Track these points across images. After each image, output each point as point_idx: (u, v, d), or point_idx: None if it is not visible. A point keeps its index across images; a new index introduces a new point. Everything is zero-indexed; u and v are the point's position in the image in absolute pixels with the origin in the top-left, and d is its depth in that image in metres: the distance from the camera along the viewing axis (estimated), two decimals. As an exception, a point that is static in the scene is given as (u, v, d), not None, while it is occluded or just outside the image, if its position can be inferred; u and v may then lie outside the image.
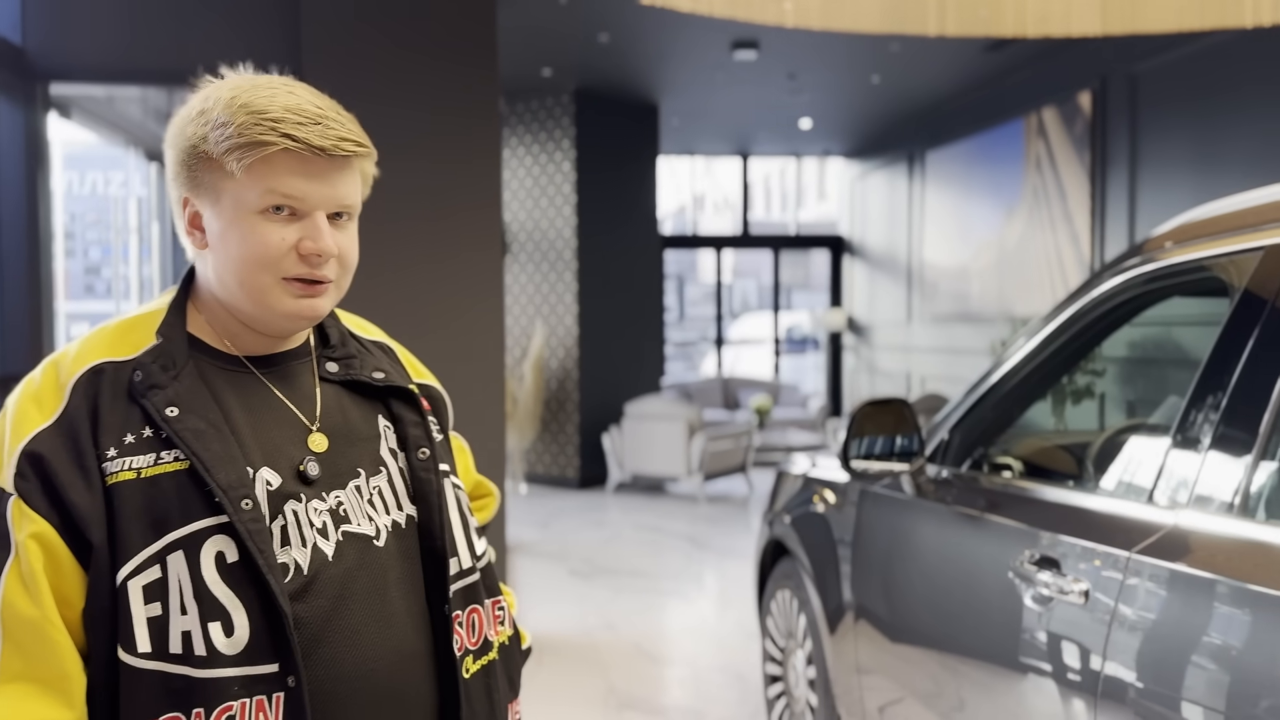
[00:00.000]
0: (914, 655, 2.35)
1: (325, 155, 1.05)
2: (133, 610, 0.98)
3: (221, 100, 1.05)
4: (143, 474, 1.01)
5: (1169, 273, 1.94)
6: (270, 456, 1.07)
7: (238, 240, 1.05)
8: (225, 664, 0.99)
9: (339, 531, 1.08)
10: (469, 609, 1.16)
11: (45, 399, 1.03)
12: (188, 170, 1.07)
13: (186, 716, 0.98)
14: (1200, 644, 1.46)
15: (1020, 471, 2.31)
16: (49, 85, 4.38)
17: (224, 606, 0.99)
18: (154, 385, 1.04)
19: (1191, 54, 6.42)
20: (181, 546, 0.99)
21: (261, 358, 1.13)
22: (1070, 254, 7.77)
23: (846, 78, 8.64)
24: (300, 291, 1.07)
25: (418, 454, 1.16)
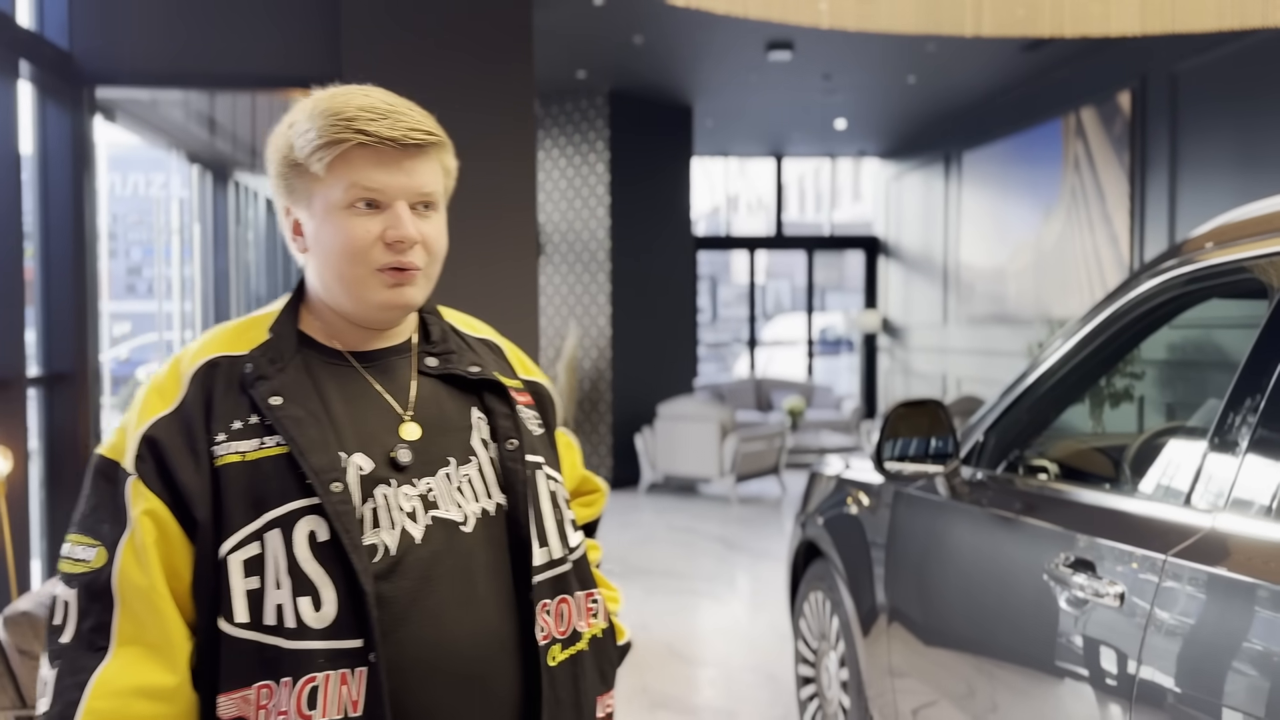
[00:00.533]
0: (947, 658, 2.35)
1: (398, 145, 1.11)
2: (233, 583, 1.06)
3: (305, 110, 1.14)
4: (246, 457, 1.09)
5: (1207, 274, 1.92)
6: (364, 443, 1.13)
7: (330, 237, 1.13)
8: (313, 637, 1.05)
9: (428, 516, 1.13)
10: (558, 599, 1.20)
11: (167, 389, 1.13)
12: (284, 180, 1.16)
13: (276, 684, 1.04)
14: (1238, 648, 1.45)
15: (1056, 474, 2.30)
16: (95, 89, 4.46)
17: (314, 583, 1.06)
18: (261, 377, 1.12)
19: (1233, 53, 6.33)
20: (278, 525, 1.07)
21: (364, 352, 1.20)
22: (1109, 255, 7.68)
23: (882, 78, 8.60)
24: (392, 280, 1.13)
25: (506, 445, 1.20)
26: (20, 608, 2.63)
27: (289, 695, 1.04)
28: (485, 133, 4.45)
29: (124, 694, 1.04)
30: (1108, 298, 2.17)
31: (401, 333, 1.22)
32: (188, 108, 5.64)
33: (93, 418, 4.43)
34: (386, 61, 4.40)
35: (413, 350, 1.23)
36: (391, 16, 4.39)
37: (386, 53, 4.40)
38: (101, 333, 4.62)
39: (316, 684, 1.04)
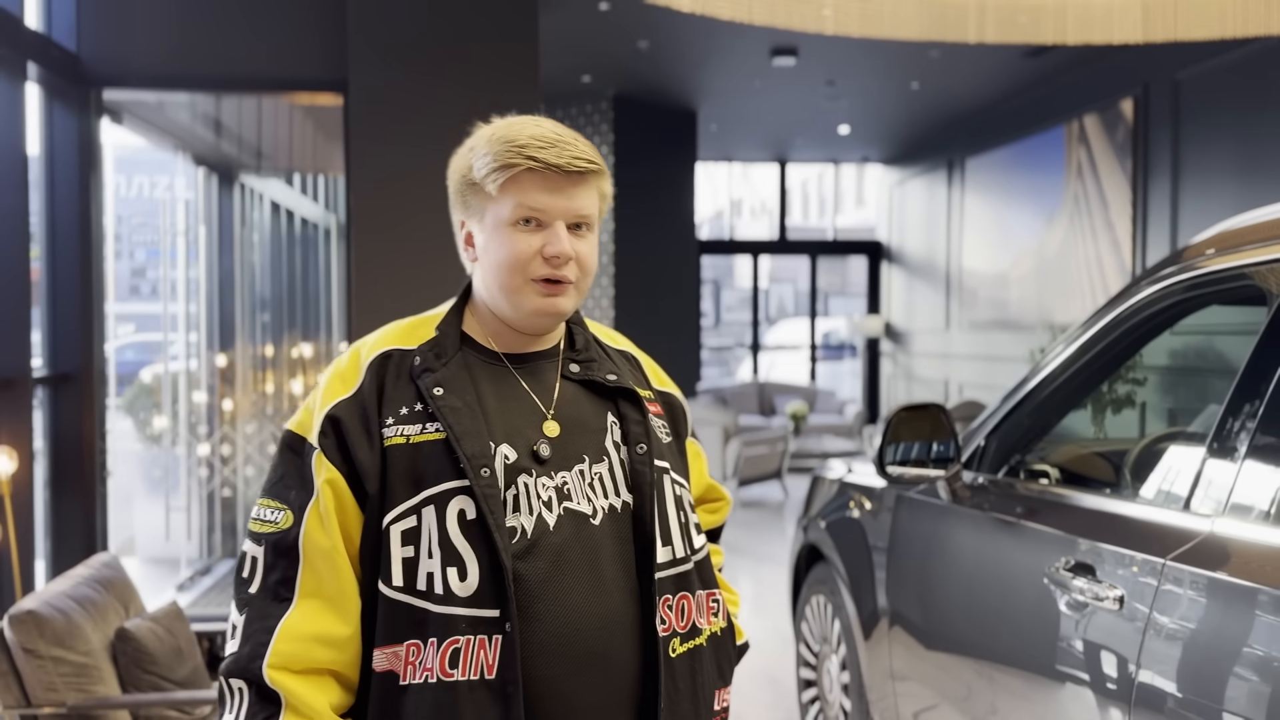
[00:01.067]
0: (948, 661, 2.36)
1: (561, 172, 1.24)
2: (392, 550, 1.20)
3: (483, 137, 1.29)
4: (411, 440, 1.23)
5: (1208, 280, 1.93)
6: (511, 435, 1.26)
7: (496, 248, 1.27)
8: (457, 604, 1.18)
9: (561, 506, 1.25)
10: (679, 595, 1.29)
11: (348, 376, 1.28)
12: (461, 197, 1.31)
13: (423, 643, 1.18)
14: (1237, 651, 1.46)
15: (1057, 479, 2.31)
16: (102, 91, 4.48)
17: (460, 555, 1.19)
18: (427, 369, 1.26)
19: (1235, 61, 6.34)
20: (433, 502, 1.21)
21: (518, 355, 1.33)
22: (1111, 262, 7.69)
23: (886, 84, 8.62)
24: (545, 291, 1.26)
25: (636, 449, 1.31)
26: (25, 607, 2.65)
27: (434, 654, 1.18)
28: (490, 136, 4.47)
29: (306, 639, 1.18)
30: (1109, 303, 2.18)
31: (550, 340, 1.35)
32: (194, 110, 5.65)
33: (98, 418, 4.44)
34: (394, 65, 4.42)
35: (559, 356, 1.35)
36: (399, 20, 4.41)
37: (394, 56, 4.43)
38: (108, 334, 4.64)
39: (459, 646, 1.18)
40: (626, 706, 1.24)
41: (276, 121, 6.21)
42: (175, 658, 2.95)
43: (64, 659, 2.64)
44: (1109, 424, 4.67)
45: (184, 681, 2.94)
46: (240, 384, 6.62)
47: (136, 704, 2.74)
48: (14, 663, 2.63)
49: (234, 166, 6.56)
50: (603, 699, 1.22)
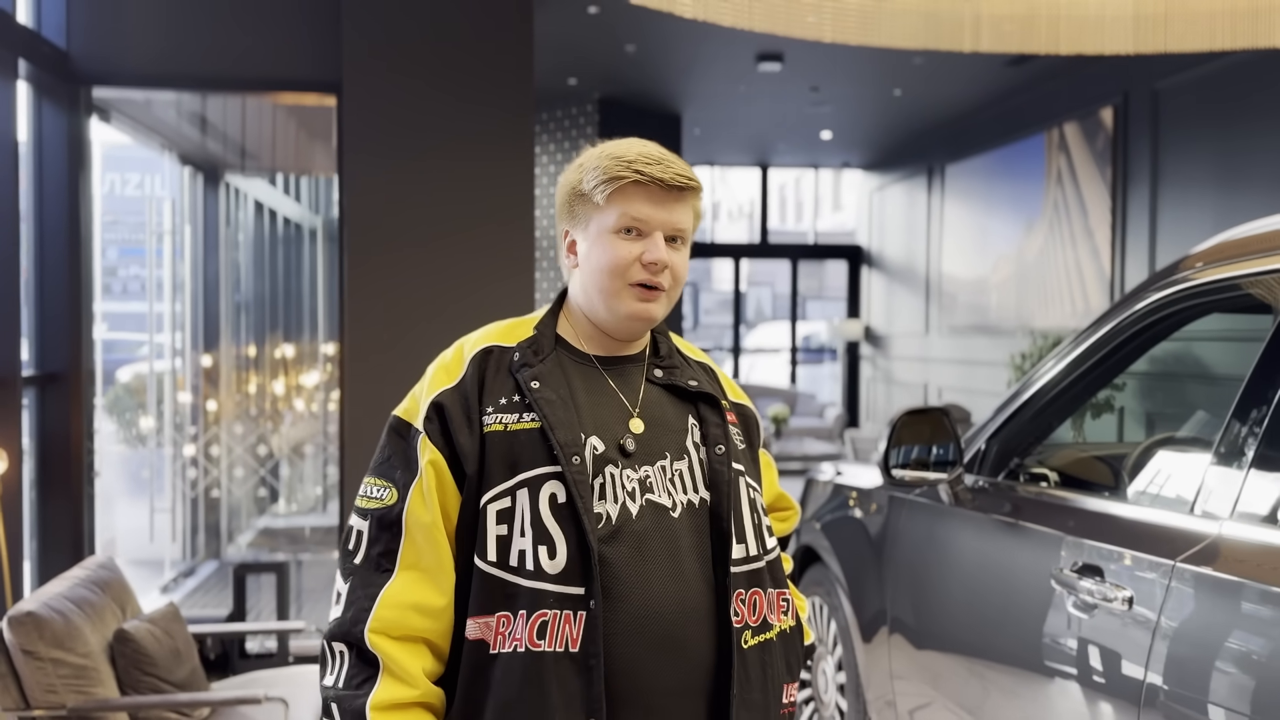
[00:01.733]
0: (950, 661, 2.39)
1: (664, 186, 1.35)
2: (488, 528, 1.30)
3: (594, 153, 1.40)
4: (508, 428, 1.33)
5: (1210, 289, 1.97)
6: (599, 429, 1.36)
7: (598, 254, 1.37)
8: (546, 580, 1.27)
9: (643, 498, 1.34)
10: (751, 590, 1.38)
11: (452, 368, 1.39)
12: (569, 208, 1.41)
13: (513, 615, 1.28)
14: (1247, 651, 1.50)
15: (1055, 482, 2.35)
16: (91, 89, 4.45)
17: (551, 535, 1.29)
18: (526, 364, 1.37)
19: (1214, 71, 6.45)
20: (527, 485, 1.31)
21: (606, 358, 1.43)
22: (1091, 268, 7.79)
23: (869, 90, 8.69)
24: (640, 296, 1.36)
25: (715, 449, 1.39)
26: (25, 608, 2.63)
27: (523, 625, 1.27)
28: (484, 137, 4.48)
29: (405, 607, 1.29)
30: (1110, 310, 2.22)
31: (637, 346, 1.45)
32: (180, 108, 5.62)
33: (86, 418, 4.41)
34: (386, 66, 4.42)
35: (644, 362, 1.45)
36: (393, 21, 4.41)
37: (386, 57, 4.42)
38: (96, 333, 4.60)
39: (546, 619, 1.27)
40: (699, 692, 1.31)
41: (260, 121, 6.19)
42: (174, 659, 2.94)
43: (63, 660, 2.62)
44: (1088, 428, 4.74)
45: (182, 683, 2.93)
46: (224, 384, 6.58)
47: (136, 706, 2.73)
48: (13, 664, 2.61)
49: (219, 166, 6.53)
50: (677, 682, 1.30)
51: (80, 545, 4.38)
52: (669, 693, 1.30)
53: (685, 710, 1.31)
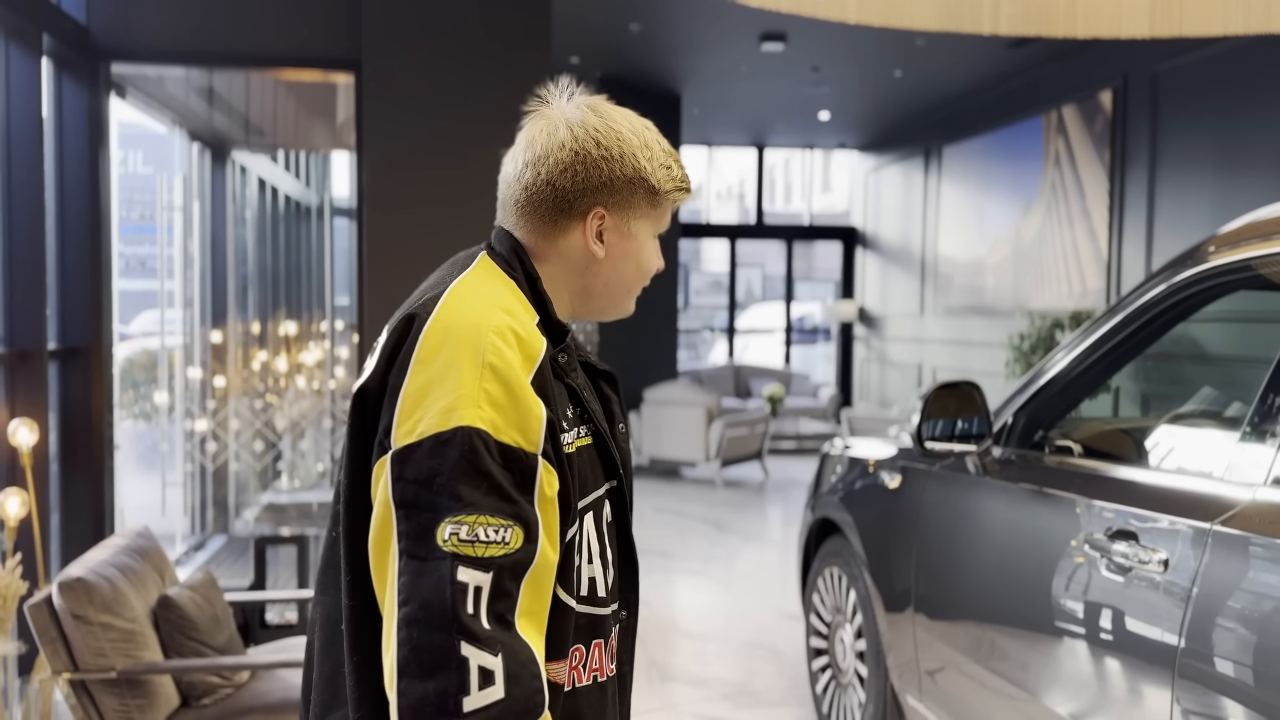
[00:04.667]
0: (980, 626, 2.48)
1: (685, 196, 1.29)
2: (574, 561, 1.16)
3: (657, 147, 1.25)
4: (576, 445, 1.18)
5: (1236, 268, 2.05)
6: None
7: (644, 255, 1.28)
8: (608, 604, 1.23)
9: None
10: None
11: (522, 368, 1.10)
12: (629, 190, 1.22)
13: (587, 647, 1.20)
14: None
15: (1079, 453, 2.44)
16: (111, 65, 4.47)
17: (606, 556, 1.22)
18: (572, 367, 1.21)
19: (1214, 55, 6.53)
20: (592, 508, 1.20)
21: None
22: (1088, 250, 7.89)
23: (870, 71, 8.74)
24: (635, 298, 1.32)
25: (619, 428, 1.32)
26: (74, 574, 2.69)
27: (600, 654, 1.21)
28: (502, 114, 4.51)
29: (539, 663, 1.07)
30: (1137, 288, 2.30)
31: None
32: (189, 83, 5.63)
33: (106, 392, 4.45)
34: (406, 42, 4.45)
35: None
36: (411, 0, 4.44)
37: (406, 33, 4.45)
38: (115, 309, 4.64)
39: (611, 641, 1.23)
40: None
41: (264, 97, 6.20)
42: (214, 625, 3.00)
43: (112, 625, 2.68)
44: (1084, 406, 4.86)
45: (223, 648, 3.00)
46: (231, 360, 6.61)
47: (183, 669, 2.79)
48: (62, 629, 2.67)
49: (226, 142, 6.54)
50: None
51: (101, 517, 4.44)
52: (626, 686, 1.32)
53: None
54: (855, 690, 3.27)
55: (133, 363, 6.60)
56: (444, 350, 1.09)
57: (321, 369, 7.67)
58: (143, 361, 6.62)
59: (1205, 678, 1.71)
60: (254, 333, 7.12)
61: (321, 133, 7.48)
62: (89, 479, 4.39)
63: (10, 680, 3.10)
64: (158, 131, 6.08)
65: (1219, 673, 1.69)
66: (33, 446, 3.55)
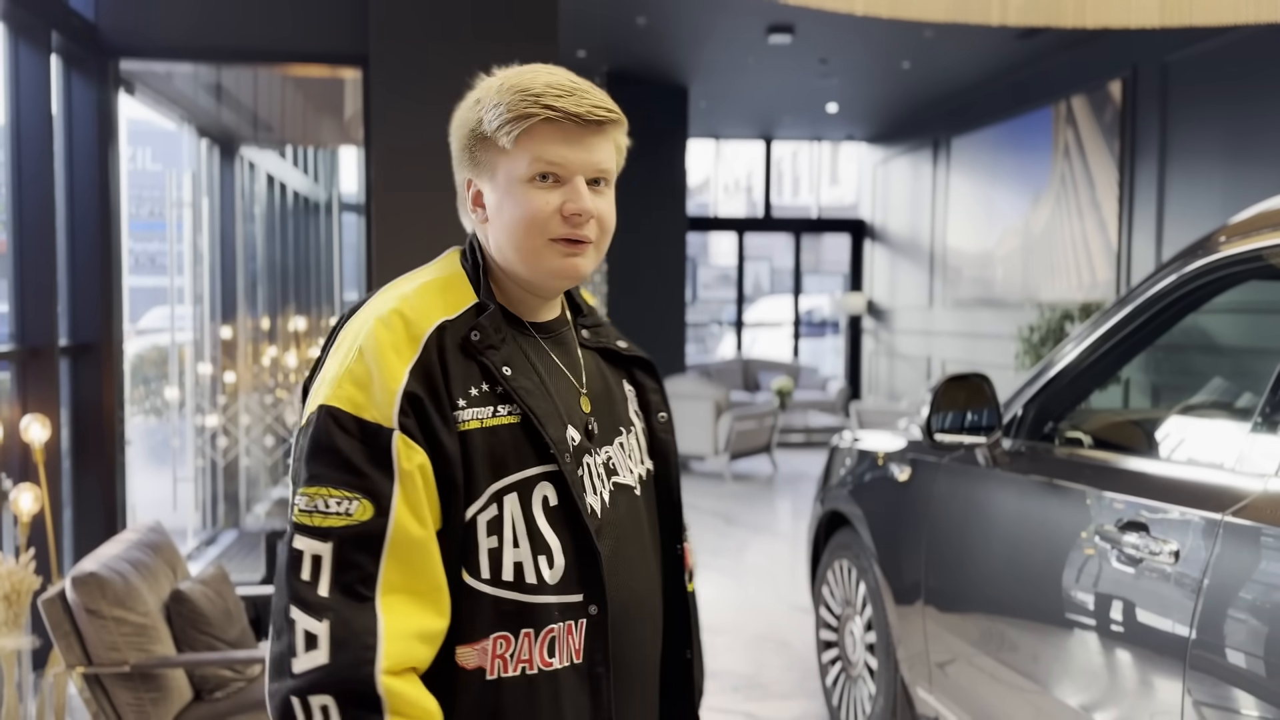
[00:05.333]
0: (990, 618, 2.48)
1: (580, 122, 1.16)
2: (479, 541, 1.13)
3: (492, 87, 1.20)
4: (484, 424, 1.14)
5: (1247, 258, 2.05)
6: (570, 415, 1.21)
7: (511, 207, 1.17)
8: (548, 592, 1.15)
9: (610, 482, 1.24)
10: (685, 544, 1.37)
11: (402, 348, 1.12)
12: (469, 154, 1.21)
13: (514, 635, 1.13)
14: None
15: (1089, 444, 2.43)
16: (119, 61, 4.48)
17: (548, 543, 1.15)
18: (490, 345, 1.16)
19: (1223, 45, 6.49)
20: (516, 489, 1.14)
21: (540, 324, 1.25)
22: (1098, 241, 7.86)
23: (878, 62, 8.72)
24: (565, 251, 1.17)
25: (658, 417, 1.31)
26: (87, 569, 2.71)
27: (530, 645, 1.14)
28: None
29: (410, 638, 1.07)
30: (1147, 279, 2.30)
31: (557, 306, 1.28)
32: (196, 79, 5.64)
33: (117, 388, 4.47)
34: (413, 37, 4.45)
35: (571, 324, 1.30)
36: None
37: (414, 28, 4.45)
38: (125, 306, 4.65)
39: (555, 635, 1.15)
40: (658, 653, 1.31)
41: (272, 92, 6.21)
42: (226, 619, 3.02)
43: (125, 619, 2.70)
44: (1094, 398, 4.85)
45: (235, 642, 3.01)
46: (241, 356, 6.64)
47: (196, 663, 2.81)
48: (76, 623, 2.69)
49: (234, 138, 6.55)
50: (654, 660, 1.29)
51: (113, 512, 4.46)
52: (652, 672, 1.28)
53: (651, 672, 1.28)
54: (865, 682, 3.28)
55: (143, 359, 6.63)
56: (339, 345, 1.17)
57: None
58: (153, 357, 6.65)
59: (1217, 669, 1.71)
60: (264, 328, 7.14)
61: (329, 128, 7.50)
62: (101, 474, 4.41)
63: (25, 674, 3.12)
64: (166, 128, 6.10)
65: (1230, 664, 1.69)
66: (45, 442, 3.57)
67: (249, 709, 2.85)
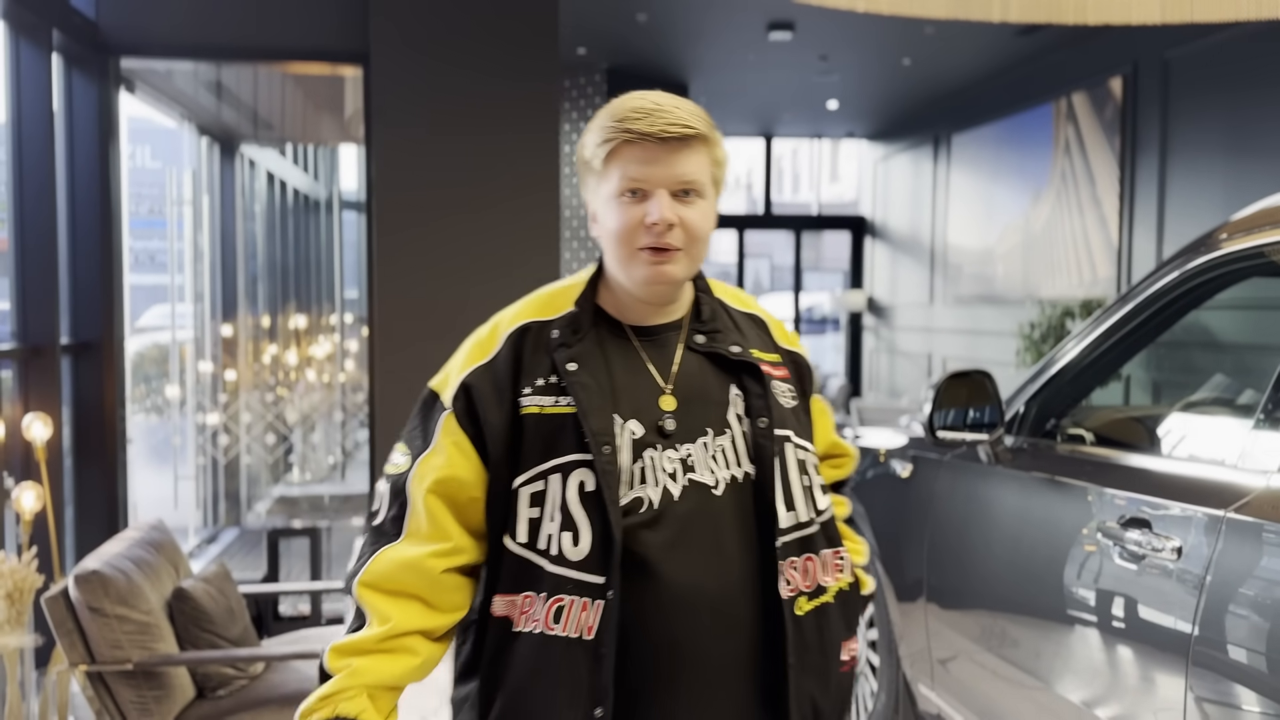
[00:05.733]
0: (993, 615, 2.48)
1: (656, 140, 1.28)
2: (519, 510, 1.31)
3: (598, 116, 1.35)
4: (544, 410, 1.32)
5: (1248, 255, 2.04)
6: (637, 411, 1.33)
7: (607, 222, 1.33)
8: (568, 566, 1.28)
9: (685, 478, 1.32)
10: (804, 557, 1.36)
11: (486, 344, 1.38)
12: (582, 176, 1.39)
13: (536, 595, 1.29)
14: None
15: (1091, 441, 2.43)
16: (120, 59, 4.48)
17: (576, 522, 1.28)
18: (564, 344, 1.34)
19: (1224, 41, 6.49)
20: (559, 470, 1.30)
21: (643, 327, 1.39)
22: (1098, 238, 7.86)
23: (878, 59, 8.71)
24: (652, 259, 1.30)
25: (758, 422, 1.36)
26: (90, 567, 2.71)
27: (543, 607, 1.28)
28: (509, 108, 4.52)
29: (398, 564, 1.32)
30: (1149, 276, 2.30)
31: (677, 310, 1.40)
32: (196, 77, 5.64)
33: (119, 387, 4.47)
34: (413, 35, 4.45)
35: (684, 328, 1.40)
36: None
37: (413, 29, 4.45)
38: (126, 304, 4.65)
39: (563, 604, 1.27)
40: (751, 664, 1.31)
41: (272, 90, 6.21)
42: (228, 617, 3.02)
43: (128, 617, 2.70)
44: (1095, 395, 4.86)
45: (237, 640, 3.01)
46: (242, 354, 6.64)
47: (199, 661, 2.81)
48: (79, 621, 2.69)
49: (234, 136, 6.55)
50: (727, 656, 1.30)
51: (115, 511, 4.46)
52: (720, 668, 1.29)
53: (740, 683, 1.31)
54: (868, 679, 3.28)
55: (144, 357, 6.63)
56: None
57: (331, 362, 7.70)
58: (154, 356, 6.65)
59: (1219, 665, 1.71)
60: (264, 326, 7.15)
61: (330, 126, 7.50)
62: (102, 473, 4.42)
63: (28, 672, 3.12)
64: (167, 126, 6.10)
65: (1233, 660, 1.69)
66: (47, 441, 3.58)
67: (251, 707, 2.86)
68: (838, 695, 1.39)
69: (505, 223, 4.50)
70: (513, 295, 1.49)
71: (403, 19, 4.44)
